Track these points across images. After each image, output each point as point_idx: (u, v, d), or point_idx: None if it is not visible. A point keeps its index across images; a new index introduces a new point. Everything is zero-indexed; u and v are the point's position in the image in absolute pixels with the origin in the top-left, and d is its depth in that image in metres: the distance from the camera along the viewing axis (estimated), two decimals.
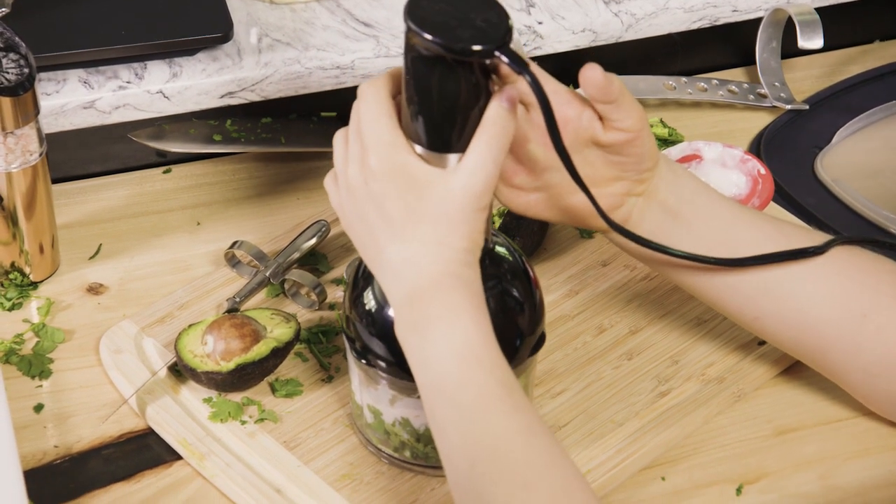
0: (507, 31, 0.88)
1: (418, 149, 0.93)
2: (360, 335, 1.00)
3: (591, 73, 0.97)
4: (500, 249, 1.00)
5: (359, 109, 0.95)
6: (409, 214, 0.92)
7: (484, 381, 0.90)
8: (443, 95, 0.90)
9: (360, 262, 1.01)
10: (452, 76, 0.89)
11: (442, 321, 0.91)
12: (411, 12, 0.88)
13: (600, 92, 0.98)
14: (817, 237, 1.06)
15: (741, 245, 1.04)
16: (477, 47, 0.88)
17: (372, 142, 0.93)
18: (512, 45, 0.89)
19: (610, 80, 0.98)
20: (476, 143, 0.92)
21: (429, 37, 0.87)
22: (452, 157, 0.92)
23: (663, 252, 1.03)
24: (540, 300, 1.01)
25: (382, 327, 0.98)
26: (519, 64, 0.88)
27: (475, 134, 0.92)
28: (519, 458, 0.88)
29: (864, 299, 1.03)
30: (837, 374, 1.07)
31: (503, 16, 0.89)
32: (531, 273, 1.01)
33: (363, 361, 1.00)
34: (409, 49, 0.90)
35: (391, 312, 0.97)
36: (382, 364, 0.99)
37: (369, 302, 0.99)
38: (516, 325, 0.99)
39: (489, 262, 0.97)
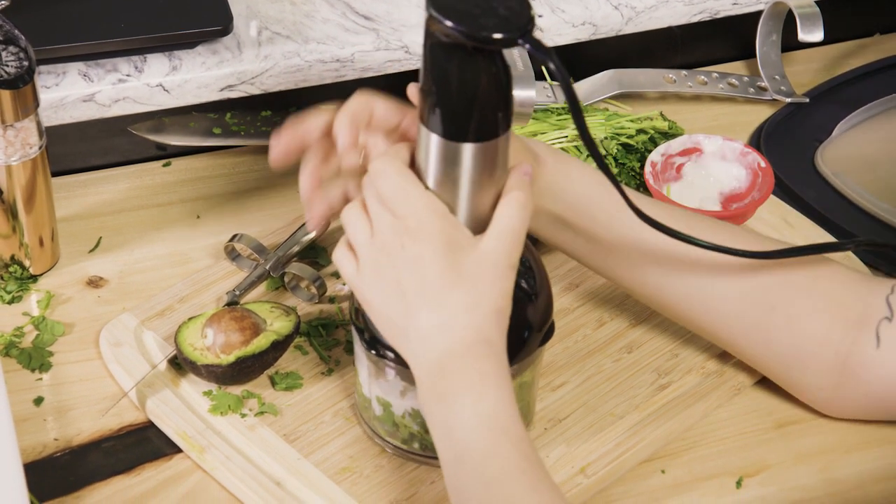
0: (530, 20, 0.88)
1: (433, 138, 0.93)
2: (368, 325, 1.00)
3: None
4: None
5: (380, 183, 0.94)
6: (445, 280, 0.92)
7: (509, 454, 0.90)
8: (462, 84, 0.90)
9: None
10: (472, 65, 0.89)
11: (471, 390, 0.91)
12: (433, 0, 0.88)
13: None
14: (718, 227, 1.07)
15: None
16: (499, 35, 0.87)
17: (408, 208, 0.93)
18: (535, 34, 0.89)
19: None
20: (503, 206, 0.94)
21: (451, 24, 0.87)
22: (467, 147, 0.92)
23: (688, 242, 1.02)
24: (549, 291, 1.01)
25: None
26: (543, 52, 0.88)
27: (501, 198, 0.94)
28: None
29: (774, 292, 1.05)
30: (755, 364, 1.09)
31: (525, 4, 0.89)
32: (542, 265, 1.01)
33: (372, 352, 1.00)
34: (429, 36, 0.90)
35: None
36: (391, 354, 0.99)
37: None
38: (527, 317, 0.99)
39: None
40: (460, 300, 0.92)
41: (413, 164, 0.95)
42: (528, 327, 0.99)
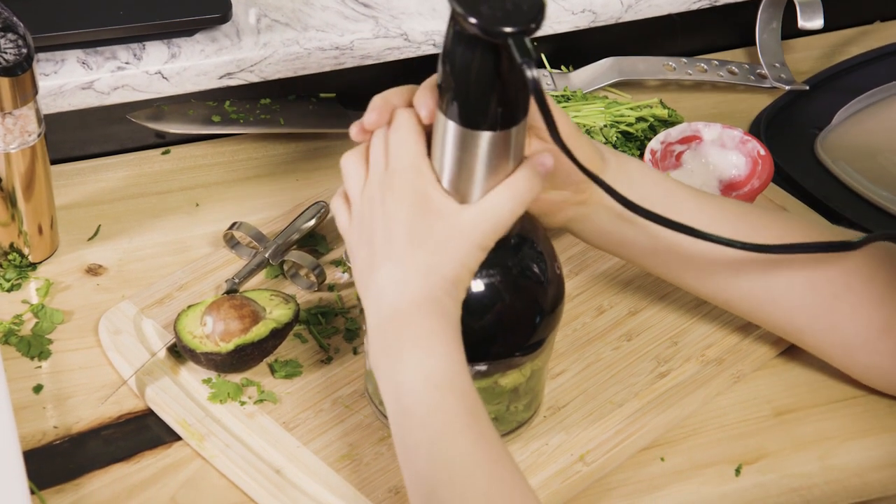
0: (532, 19, 0.88)
1: (451, 125, 0.92)
2: None
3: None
4: (525, 231, 0.99)
5: (389, 135, 0.95)
6: (411, 239, 0.93)
7: (454, 408, 0.90)
8: (479, 73, 0.90)
9: None
10: (476, 52, 0.89)
11: (416, 346, 0.92)
12: None
13: None
14: (793, 224, 1.07)
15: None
16: (486, 27, 0.87)
17: (399, 165, 0.94)
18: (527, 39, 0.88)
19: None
20: (499, 190, 0.94)
21: (457, 8, 0.88)
22: (484, 135, 0.92)
23: (690, 234, 1.01)
24: (561, 278, 1.01)
25: None
26: (523, 56, 0.88)
27: (502, 182, 0.94)
28: (480, 487, 0.89)
29: (837, 282, 1.05)
30: (818, 351, 1.09)
31: (536, 3, 0.88)
32: (552, 250, 1.01)
33: None
34: (451, 25, 0.91)
35: None
36: None
37: None
38: (539, 302, 0.99)
39: (515, 241, 0.97)
40: (420, 261, 0.93)
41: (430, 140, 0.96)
42: (539, 312, 1.00)
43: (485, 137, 0.92)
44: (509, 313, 0.98)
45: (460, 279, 0.94)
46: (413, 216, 0.93)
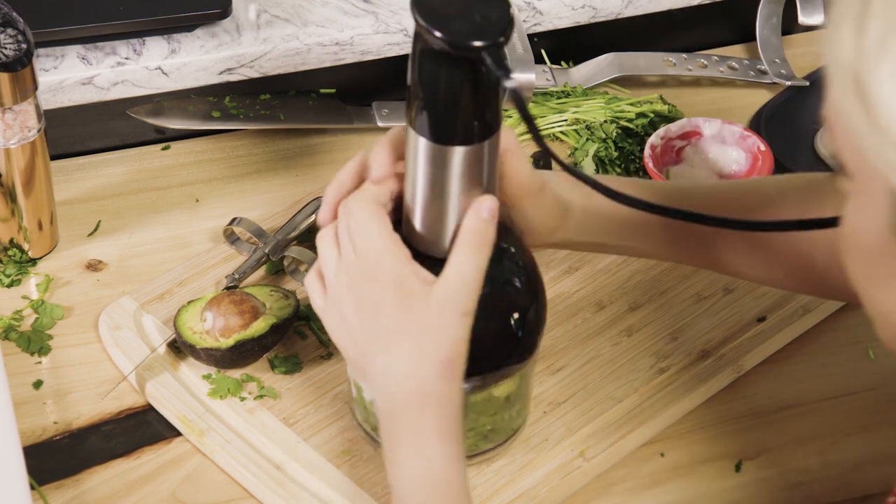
0: (501, 32, 0.86)
1: (422, 141, 0.91)
2: None
3: None
4: (506, 245, 0.99)
5: (350, 218, 0.93)
6: (394, 324, 0.91)
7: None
8: (447, 88, 0.88)
9: None
10: (446, 68, 0.88)
11: (408, 446, 0.92)
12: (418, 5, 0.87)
13: None
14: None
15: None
16: (466, 43, 0.85)
17: (366, 250, 0.92)
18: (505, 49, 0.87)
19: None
20: (455, 252, 0.92)
21: (422, 23, 0.86)
22: (458, 150, 0.91)
23: (687, 218, 0.99)
24: (542, 288, 1.00)
25: None
26: (501, 68, 0.86)
27: (456, 241, 0.92)
28: None
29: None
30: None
31: (504, 14, 0.86)
32: (531, 260, 1.00)
33: None
34: (417, 40, 0.89)
35: None
36: None
37: None
38: (522, 316, 0.98)
39: (496, 255, 0.97)
40: (406, 350, 0.91)
41: (397, 203, 0.95)
42: (528, 320, 0.99)
43: (458, 153, 0.90)
44: (500, 326, 0.97)
45: (454, 355, 0.92)
46: (391, 304, 0.91)
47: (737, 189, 1.08)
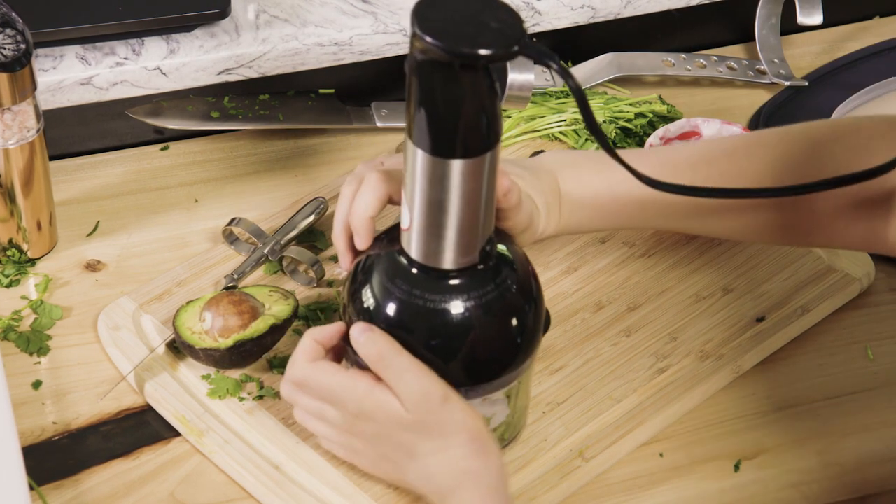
0: (523, 30, 0.87)
1: (420, 153, 0.91)
2: (351, 322, 1.00)
3: None
4: (500, 249, 0.99)
5: (307, 391, 0.99)
6: (407, 435, 0.97)
7: None
8: (449, 100, 0.89)
9: (359, 261, 1.01)
10: (460, 81, 0.88)
11: None
12: (418, 15, 0.86)
13: None
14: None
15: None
16: (496, 50, 0.85)
17: (342, 397, 0.97)
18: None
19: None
20: (385, 380, 0.96)
21: (438, 43, 0.85)
22: (455, 164, 0.91)
23: (717, 195, 1.02)
24: (540, 294, 1.01)
25: (379, 323, 0.98)
26: (548, 57, 0.88)
27: (372, 371, 0.97)
28: None
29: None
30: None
31: (513, 13, 0.87)
32: (528, 267, 1.01)
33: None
34: (418, 55, 0.88)
35: (388, 310, 0.97)
36: None
37: (367, 300, 0.99)
38: (522, 326, 0.99)
39: (489, 265, 0.97)
40: (428, 448, 0.96)
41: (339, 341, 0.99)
42: (521, 333, 0.99)
43: (456, 166, 0.90)
44: (506, 335, 0.98)
45: (469, 430, 0.95)
46: (394, 425, 0.96)
47: (788, 138, 1.09)
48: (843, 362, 1.15)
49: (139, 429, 1.08)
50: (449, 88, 0.88)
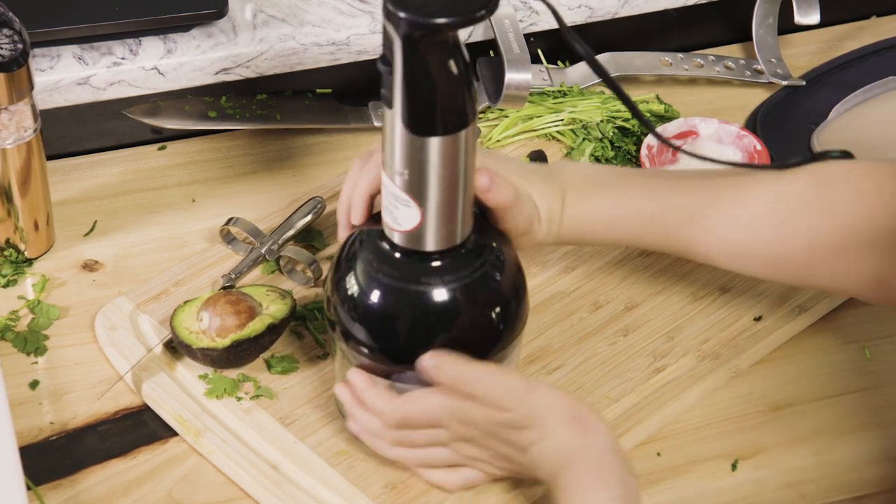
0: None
1: (398, 128, 0.92)
2: (340, 318, 1.00)
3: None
4: (481, 237, 1.00)
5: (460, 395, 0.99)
6: (515, 437, 0.99)
7: None
8: (426, 77, 0.90)
9: (346, 242, 1.01)
10: (435, 57, 0.89)
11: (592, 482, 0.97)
12: None
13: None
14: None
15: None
16: (482, 12, 0.87)
17: (497, 397, 0.98)
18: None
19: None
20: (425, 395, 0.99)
21: (395, 8, 0.87)
22: (433, 141, 0.92)
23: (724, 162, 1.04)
24: (523, 283, 1.02)
25: (361, 312, 0.98)
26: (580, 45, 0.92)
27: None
28: None
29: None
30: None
31: None
32: (513, 256, 1.02)
33: (343, 343, 1.01)
34: (389, 28, 0.89)
35: (372, 298, 0.98)
36: (365, 350, 0.99)
37: (351, 287, 0.99)
38: (503, 313, 1.00)
39: (469, 250, 0.98)
40: (532, 437, 0.98)
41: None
42: (504, 317, 1.00)
43: (434, 143, 0.92)
44: (487, 317, 1.00)
45: (573, 410, 0.97)
46: (499, 430, 0.98)
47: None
48: (841, 362, 1.15)
49: (136, 429, 1.08)
50: (422, 62, 0.89)
